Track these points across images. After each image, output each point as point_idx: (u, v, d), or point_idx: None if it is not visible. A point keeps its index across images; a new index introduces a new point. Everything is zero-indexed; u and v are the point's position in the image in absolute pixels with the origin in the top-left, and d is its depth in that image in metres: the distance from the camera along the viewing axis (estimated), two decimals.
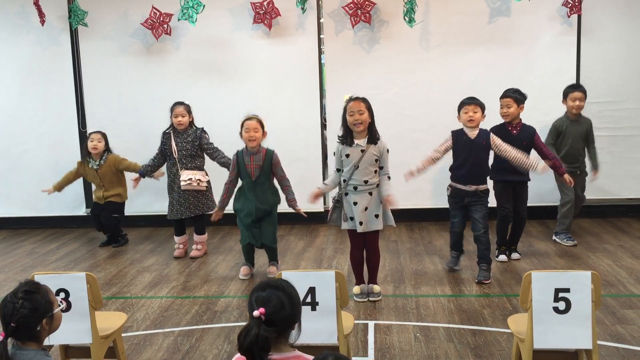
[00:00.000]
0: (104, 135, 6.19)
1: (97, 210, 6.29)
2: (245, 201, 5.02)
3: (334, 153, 4.57)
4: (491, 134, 4.90)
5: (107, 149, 6.20)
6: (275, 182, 5.14)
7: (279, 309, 1.99)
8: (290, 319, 2.03)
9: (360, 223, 4.43)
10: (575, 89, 5.79)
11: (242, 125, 4.96)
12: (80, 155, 6.60)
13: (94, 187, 6.36)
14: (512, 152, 4.87)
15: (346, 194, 4.48)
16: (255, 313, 1.95)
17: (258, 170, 4.96)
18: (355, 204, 4.43)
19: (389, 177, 4.49)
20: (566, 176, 5.31)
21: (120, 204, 6.30)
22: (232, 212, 5.25)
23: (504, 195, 5.36)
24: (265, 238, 5.08)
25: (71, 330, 3.07)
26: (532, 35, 6.49)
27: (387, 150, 4.47)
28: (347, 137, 4.45)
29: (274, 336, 1.97)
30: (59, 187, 6.34)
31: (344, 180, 4.47)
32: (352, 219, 4.47)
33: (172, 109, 5.70)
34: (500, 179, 5.37)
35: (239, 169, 5.01)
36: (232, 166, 5.09)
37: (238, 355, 2.04)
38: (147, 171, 5.89)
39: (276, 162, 5.02)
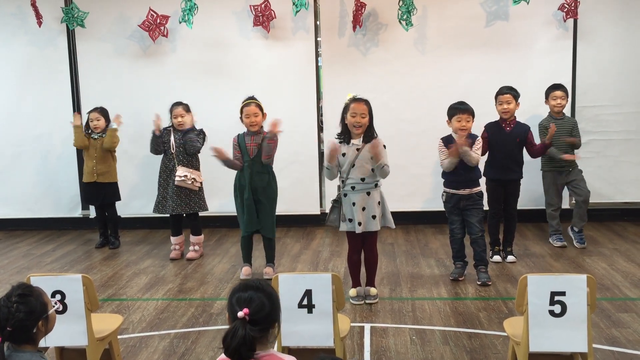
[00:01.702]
0: (102, 112, 6.16)
1: (92, 197, 6.30)
2: (242, 178, 5.07)
3: None
4: (478, 140, 4.88)
5: (108, 125, 6.18)
6: (275, 169, 5.18)
7: (260, 309, 2.03)
8: (271, 318, 2.08)
9: (359, 224, 4.44)
10: (555, 89, 5.85)
11: (241, 111, 5.04)
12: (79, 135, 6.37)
13: (85, 163, 6.22)
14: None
15: (345, 195, 4.49)
16: (240, 314, 1.99)
17: (256, 149, 5.03)
18: (354, 204, 4.44)
19: (387, 165, 4.40)
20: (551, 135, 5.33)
21: (114, 186, 6.28)
22: (229, 214, 5.26)
23: (495, 194, 5.40)
24: (264, 228, 5.12)
25: (67, 332, 3.07)
26: (528, 39, 6.51)
27: (384, 146, 4.43)
28: (344, 136, 4.47)
29: (258, 336, 2.01)
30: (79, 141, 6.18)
31: (342, 181, 4.48)
32: (350, 220, 4.47)
33: (171, 110, 5.72)
34: (492, 177, 5.40)
35: (239, 147, 5.08)
36: (233, 148, 5.10)
37: (222, 357, 2.05)
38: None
39: (269, 138, 5.02)
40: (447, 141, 4.87)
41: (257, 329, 2.00)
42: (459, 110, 4.81)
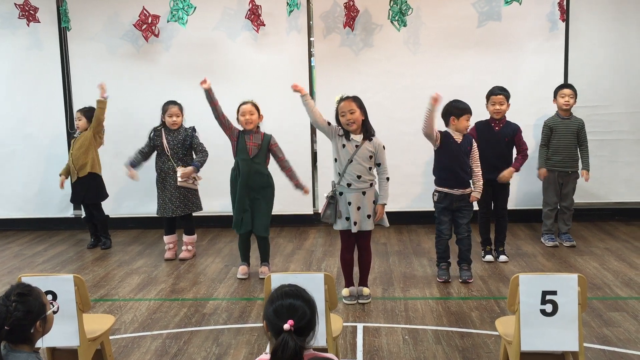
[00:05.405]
0: (84, 113, 6.14)
1: (77, 196, 6.28)
2: (239, 177, 5.07)
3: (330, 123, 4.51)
4: (474, 143, 4.90)
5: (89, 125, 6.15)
6: (271, 168, 5.18)
7: (303, 317, 2.03)
8: (312, 324, 2.08)
9: (355, 223, 4.45)
10: (564, 87, 5.92)
11: (238, 111, 5.09)
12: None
13: (68, 165, 6.25)
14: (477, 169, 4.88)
15: (341, 193, 4.48)
16: (286, 326, 1.98)
17: (256, 149, 5.05)
18: (349, 203, 4.44)
19: (387, 179, 4.49)
20: (508, 172, 5.33)
21: (97, 183, 6.23)
22: (222, 214, 5.25)
23: (484, 194, 5.40)
24: (257, 227, 5.11)
25: (59, 332, 3.03)
26: (521, 39, 6.53)
27: (383, 147, 4.46)
28: (345, 134, 4.45)
29: (305, 345, 2.02)
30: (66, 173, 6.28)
31: (339, 174, 4.45)
32: (347, 219, 4.47)
33: (165, 108, 5.67)
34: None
35: (238, 143, 5.07)
36: (230, 126, 5.09)
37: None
38: (138, 162, 5.76)
39: (274, 144, 5.15)
40: (445, 136, 4.83)
41: (303, 338, 2.00)
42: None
